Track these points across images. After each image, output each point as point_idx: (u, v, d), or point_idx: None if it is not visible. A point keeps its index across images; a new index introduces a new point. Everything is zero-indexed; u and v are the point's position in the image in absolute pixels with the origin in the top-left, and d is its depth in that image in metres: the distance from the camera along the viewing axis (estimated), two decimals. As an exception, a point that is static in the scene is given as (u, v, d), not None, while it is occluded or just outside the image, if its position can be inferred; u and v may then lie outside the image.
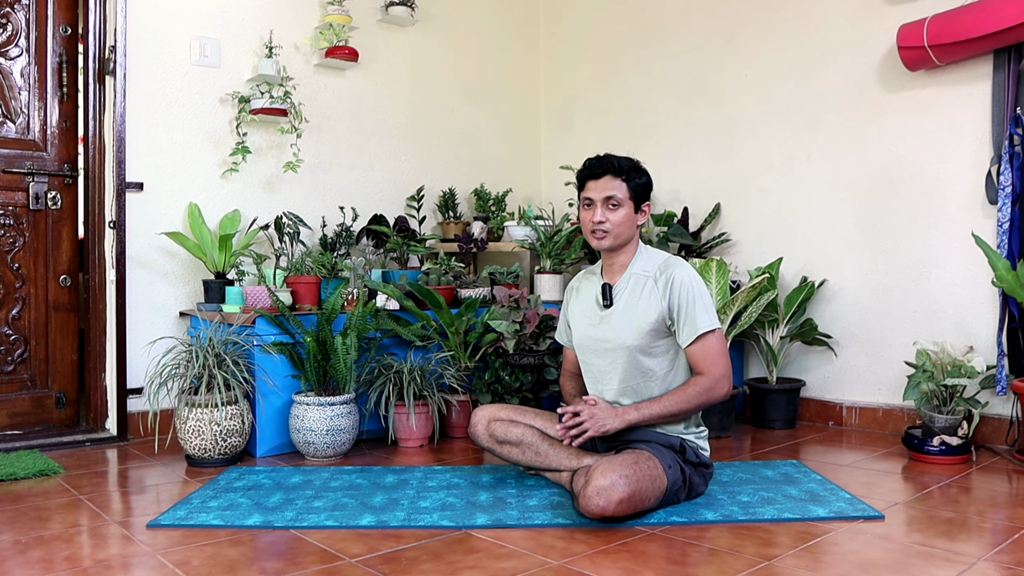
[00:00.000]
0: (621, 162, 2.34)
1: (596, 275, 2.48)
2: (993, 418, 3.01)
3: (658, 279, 2.33)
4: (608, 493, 2.03)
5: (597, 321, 2.40)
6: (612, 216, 2.32)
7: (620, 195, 2.32)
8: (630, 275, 2.38)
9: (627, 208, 2.33)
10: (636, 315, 2.32)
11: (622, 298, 2.36)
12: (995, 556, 1.90)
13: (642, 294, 2.34)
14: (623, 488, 2.05)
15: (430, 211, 4.11)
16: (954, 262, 3.12)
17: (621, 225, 2.33)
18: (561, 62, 4.57)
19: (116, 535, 2.09)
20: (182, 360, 2.79)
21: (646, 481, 2.11)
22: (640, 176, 2.36)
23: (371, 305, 3.06)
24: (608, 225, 2.32)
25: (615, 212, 2.32)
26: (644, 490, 2.10)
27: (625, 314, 2.34)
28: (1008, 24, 2.78)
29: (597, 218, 2.32)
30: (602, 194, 2.32)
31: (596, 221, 2.32)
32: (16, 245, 3.22)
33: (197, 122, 3.42)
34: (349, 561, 1.88)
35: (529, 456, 2.41)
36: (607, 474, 2.06)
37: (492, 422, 2.47)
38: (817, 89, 3.50)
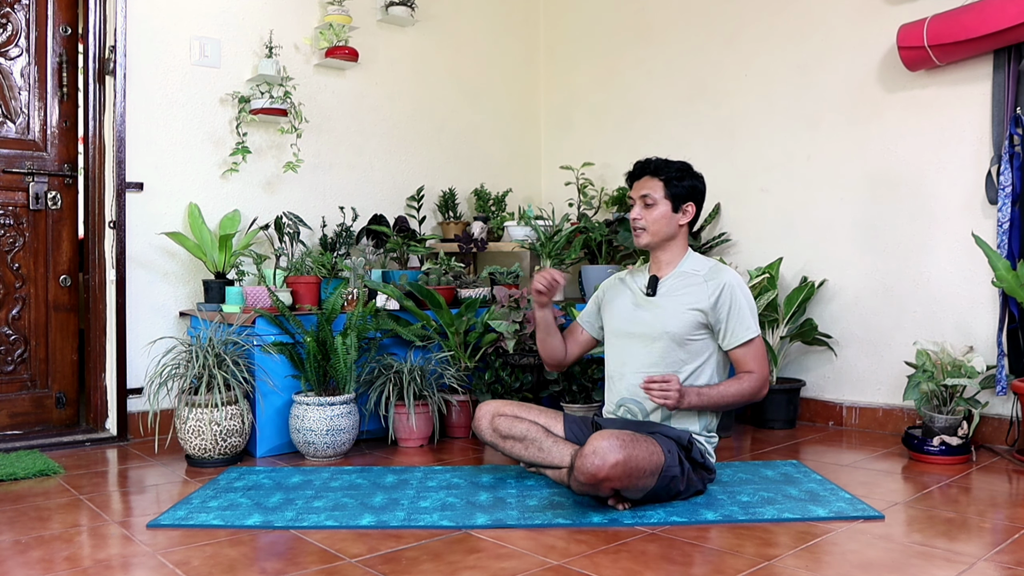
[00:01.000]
0: (661, 163, 2.47)
1: (644, 272, 2.55)
2: (993, 418, 3.01)
3: (708, 280, 2.40)
4: (604, 453, 2.06)
5: (638, 307, 2.46)
6: (647, 214, 2.43)
7: (655, 194, 2.43)
8: (679, 272, 2.46)
9: (663, 207, 2.43)
10: (680, 305, 2.39)
11: (667, 290, 2.43)
12: (995, 556, 1.90)
13: (688, 289, 2.41)
14: (619, 451, 2.07)
15: (430, 211, 4.11)
16: (954, 262, 3.12)
17: (656, 223, 2.43)
18: (561, 62, 4.57)
19: (116, 535, 2.09)
20: (182, 360, 2.79)
21: (642, 451, 2.13)
22: (683, 178, 2.46)
23: (371, 305, 3.06)
24: (643, 222, 2.43)
25: (651, 210, 2.43)
26: (639, 458, 2.11)
27: (668, 303, 2.41)
28: (1008, 24, 2.78)
29: (634, 215, 2.44)
30: (639, 192, 2.45)
31: (633, 217, 2.44)
32: (16, 245, 3.22)
33: (197, 122, 3.42)
34: (349, 561, 1.88)
35: (532, 452, 2.41)
36: (605, 437, 2.10)
37: (496, 417, 2.47)
38: (817, 89, 3.50)
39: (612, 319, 2.53)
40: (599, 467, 2.05)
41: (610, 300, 2.57)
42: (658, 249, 2.47)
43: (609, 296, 2.59)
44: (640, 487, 2.17)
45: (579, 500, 2.31)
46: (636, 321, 2.44)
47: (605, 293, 2.62)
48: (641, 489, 2.18)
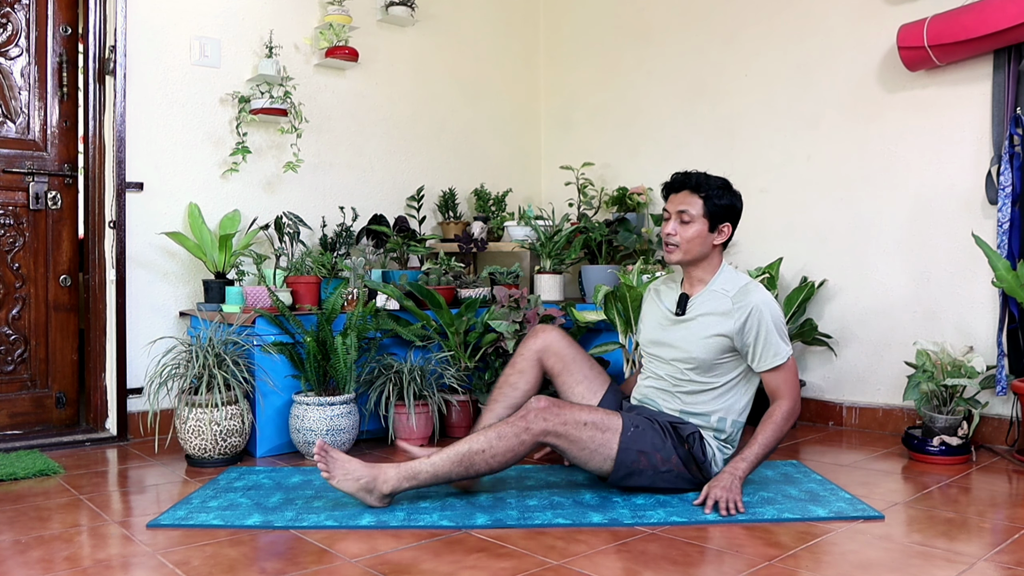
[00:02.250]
0: (702, 179, 2.38)
1: (677, 284, 2.53)
2: (993, 418, 3.01)
3: (737, 301, 2.35)
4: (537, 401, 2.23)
5: (668, 325, 2.45)
6: (682, 231, 2.36)
7: (694, 211, 2.36)
8: (709, 291, 2.41)
9: (700, 225, 2.36)
10: (706, 330, 2.36)
11: (696, 311, 2.40)
12: (995, 556, 1.90)
13: (716, 312, 2.37)
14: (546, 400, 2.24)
15: (430, 211, 4.11)
16: (954, 262, 3.12)
17: (691, 241, 2.36)
18: (561, 62, 4.57)
19: (116, 535, 2.09)
20: (182, 360, 2.79)
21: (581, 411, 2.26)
22: (722, 197, 2.38)
23: (371, 305, 3.06)
24: (677, 239, 2.37)
25: (686, 227, 2.36)
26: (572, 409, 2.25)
27: (695, 327, 2.38)
28: (1008, 24, 2.78)
29: (668, 230, 2.38)
30: (676, 207, 2.38)
31: (668, 233, 2.38)
32: (16, 245, 3.22)
33: (197, 122, 3.42)
34: (349, 561, 1.88)
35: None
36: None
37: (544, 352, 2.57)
38: (817, 89, 3.50)
39: (645, 330, 2.56)
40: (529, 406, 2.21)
41: (645, 312, 2.60)
42: (690, 267, 2.43)
43: (645, 309, 2.61)
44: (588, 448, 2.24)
45: (579, 500, 2.31)
46: (665, 342, 2.44)
47: (644, 306, 2.64)
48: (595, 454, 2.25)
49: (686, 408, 2.40)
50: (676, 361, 2.41)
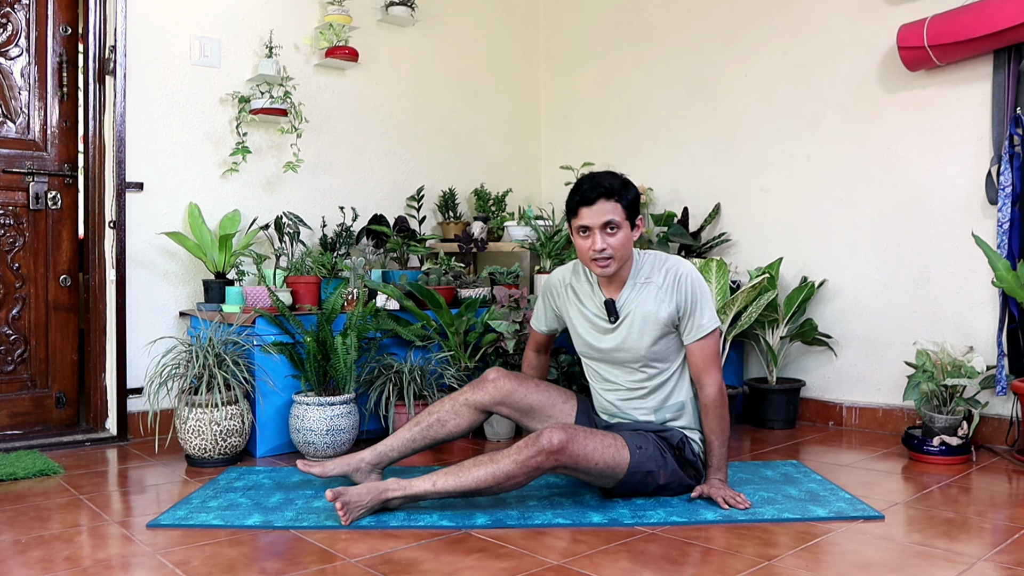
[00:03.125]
0: (612, 182, 2.25)
1: (591, 282, 2.41)
2: (993, 418, 3.01)
3: (664, 281, 2.31)
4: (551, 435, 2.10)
5: (604, 333, 2.38)
6: (612, 241, 2.23)
7: (617, 217, 2.23)
8: (633, 285, 2.34)
9: (625, 229, 2.25)
10: (648, 322, 2.31)
11: (628, 310, 2.34)
12: (995, 556, 1.90)
13: (648, 302, 2.31)
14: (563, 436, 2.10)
15: (430, 211, 4.11)
16: (954, 262, 3.12)
17: (623, 247, 2.26)
18: (561, 62, 4.57)
19: (116, 535, 2.09)
20: (182, 360, 2.79)
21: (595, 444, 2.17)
22: (630, 192, 2.28)
23: (371, 305, 3.06)
24: (610, 251, 2.24)
25: (615, 236, 2.24)
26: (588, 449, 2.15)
27: (635, 324, 2.32)
28: (1008, 24, 2.78)
29: (599, 246, 2.22)
30: (600, 219, 2.22)
31: (598, 249, 2.23)
32: (16, 245, 3.22)
33: (197, 122, 3.42)
34: (349, 561, 1.88)
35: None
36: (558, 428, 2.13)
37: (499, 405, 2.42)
38: (817, 89, 3.50)
39: (577, 337, 2.45)
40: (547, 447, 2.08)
41: (565, 312, 2.48)
42: (616, 276, 2.33)
43: (562, 306, 2.49)
44: (595, 474, 2.20)
45: (579, 499, 2.31)
46: (607, 348, 2.36)
47: (556, 301, 2.51)
48: (602, 477, 2.22)
49: (660, 406, 2.37)
50: (629, 363, 2.36)
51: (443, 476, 2.13)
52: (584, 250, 2.27)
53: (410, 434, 2.40)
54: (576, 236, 2.29)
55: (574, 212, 2.27)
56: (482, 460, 2.13)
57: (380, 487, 2.15)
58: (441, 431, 2.40)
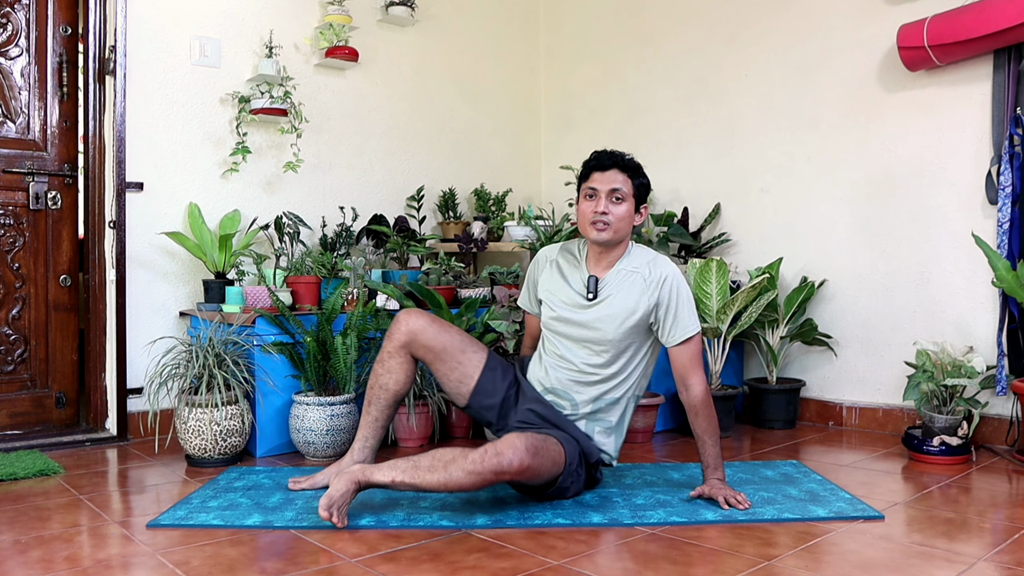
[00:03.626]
0: (629, 159, 2.36)
1: (577, 258, 2.44)
2: (993, 418, 3.01)
3: (648, 276, 2.34)
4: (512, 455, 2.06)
5: (579, 309, 2.38)
6: (615, 209, 2.30)
7: (625, 189, 2.31)
8: (618, 270, 2.37)
9: (629, 204, 2.33)
10: (622, 309, 2.33)
11: (608, 292, 2.35)
12: (995, 556, 1.90)
13: (631, 290, 2.34)
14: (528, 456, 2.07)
15: (430, 211, 4.11)
16: (954, 262, 3.12)
17: (623, 220, 2.31)
18: (561, 62, 4.57)
19: (116, 535, 2.09)
20: (182, 360, 2.79)
21: (547, 461, 2.15)
22: (643, 177, 2.38)
23: (371, 305, 3.06)
24: (610, 217, 2.29)
25: (619, 206, 2.31)
26: (542, 467, 2.14)
27: (610, 307, 2.34)
28: (1008, 24, 2.79)
29: (601, 208, 2.29)
30: (608, 186, 2.30)
31: (600, 211, 2.29)
32: (16, 245, 3.22)
33: (197, 122, 3.42)
34: (349, 561, 1.88)
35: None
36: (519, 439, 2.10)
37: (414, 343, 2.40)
38: (817, 89, 3.50)
39: (551, 309, 2.43)
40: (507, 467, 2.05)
41: (549, 290, 2.46)
42: (611, 247, 2.36)
43: (547, 285, 2.47)
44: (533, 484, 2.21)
45: (579, 499, 2.31)
46: (578, 324, 2.36)
47: (541, 278, 2.51)
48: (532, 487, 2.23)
49: (601, 396, 2.36)
50: (590, 343, 2.35)
51: (400, 473, 2.11)
52: (586, 212, 2.32)
53: (371, 416, 2.44)
54: (582, 199, 2.35)
55: (586, 176, 2.36)
56: (436, 465, 2.09)
57: (349, 473, 2.14)
58: (389, 395, 2.43)
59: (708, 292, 3.18)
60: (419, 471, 2.09)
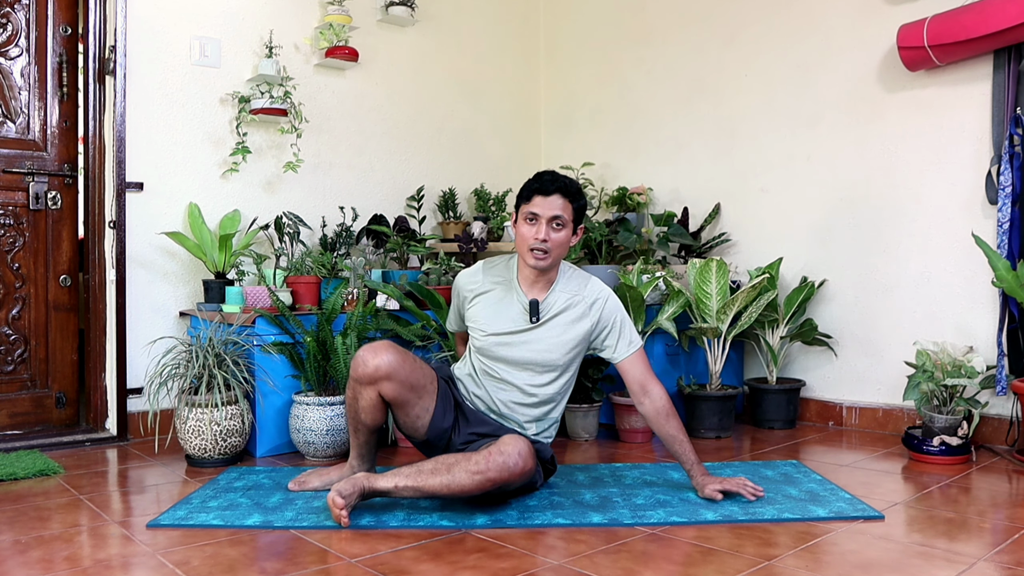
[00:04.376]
0: (571, 183, 2.32)
1: (508, 281, 2.40)
2: (993, 418, 3.01)
3: (587, 299, 2.38)
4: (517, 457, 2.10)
5: (521, 332, 2.36)
6: (555, 236, 2.28)
7: (566, 216, 2.29)
8: (557, 292, 2.37)
9: (568, 230, 2.31)
10: (566, 333, 2.36)
11: (550, 315, 2.36)
12: (995, 556, 1.90)
13: (572, 313, 2.36)
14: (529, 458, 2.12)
15: (430, 211, 4.11)
16: (954, 262, 3.12)
17: (562, 246, 2.30)
18: (561, 62, 4.57)
19: (116, 535, 2.09)
20: (182, 360, 2.80)
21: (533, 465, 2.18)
22: (582, 199, 2.35)
23: (371, 305, 3.06)
24: (550, 245, 2.27)
25: (559, 232, 2.29)
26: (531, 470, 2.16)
27: (554, 331, 2.35)
28: (1008, 24, 2.79)
29: (541, 235, 2.26)
30: (550, 212, 2.27)
31: (540, 239, 2.26)
32: (16, 245, 3.22)
33: (197, 122, 3.42)
34: (349, 561, 1.88)
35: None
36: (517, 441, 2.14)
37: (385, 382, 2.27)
38: (817, 89, 3.50)
39: (480, 333, 2.39)
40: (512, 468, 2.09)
41: (479, 314, 2.41)
42: (547, 270, 2.35)
43: (475, 311, 2.42)
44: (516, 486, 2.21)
45: (579, 499, 2.31)
46: (520, 346, 2.35)
47: (465, 310, 2.47)
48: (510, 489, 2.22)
49: (543, 417, 2.40)
50: (532, 365, 2.35)
51: (403, 479, 2.11)
52: (526, 237, 2.30)
53: (360, 440, 2.39)
54: (522, 222, 2.32)
55: (527, 198, 2.32)
56: (439, 468, 2.10)
57: (356, 479, 2.14)
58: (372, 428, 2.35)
59: (708, 292, 3.18)
60: (422, 475, 2.11)
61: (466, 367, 2.47)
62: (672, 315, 3.22)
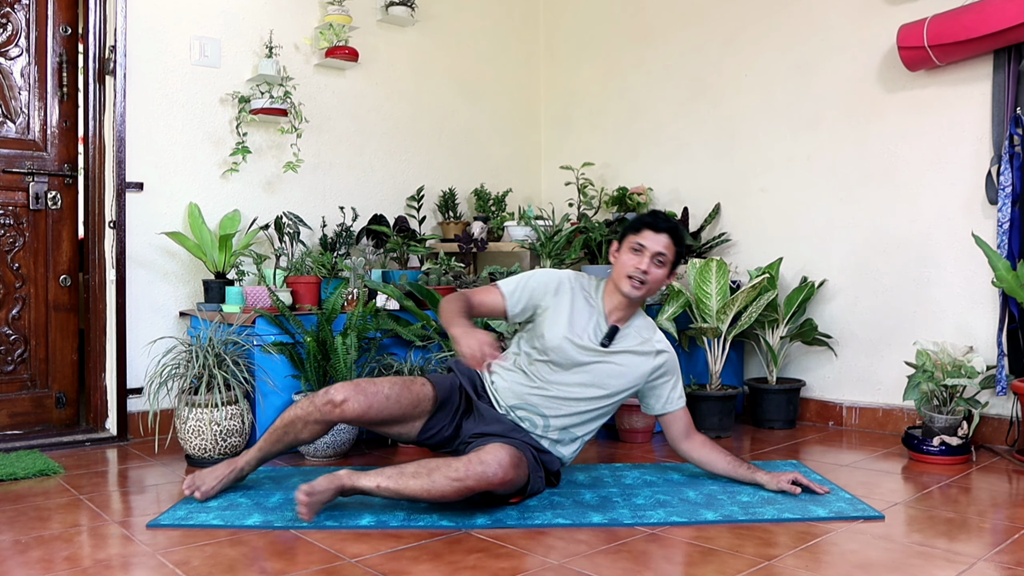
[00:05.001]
0: (680, 229, 2.43)
1: (593, 300, 2.43)
2: (993, 418, 3.01)
3: (655, 346, 2.45)
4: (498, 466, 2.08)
5: (588, 352, 2.38)
6: (655, 271, 2.36)
7: (669, 256, 2.38)
8: (632, 328, 2.44)
9: (666, 270, 2.39)
10: (629, 367, 2.41)
11: (622, 347, 2.41)
12: (995, 556, 1.90)
13: (638, 351, 2.43)
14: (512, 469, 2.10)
15: (430, 211, 4.11)
16: (954, 262, 3.12)
17: (657, 283, 2.39)
18: (561, 62, 4.57)
19: (116, 535, 2.09)
20: (182, 360, 2.80)
21: (522, 474, 2.17)
22: (683, 247, 2.45)
23: (371, 305, 3.06)
24: (649, 278, 2.35)
25: (659, 269, 2.37)
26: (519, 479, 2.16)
27: (619, 360, 2.40)
28: (1008, 24, 2.79)
29: (644, 266, 2.34)
30: (657, 247, 2.36)
31: (642, 269, 2.34)
32: (16, 245, 3.22)
33: (197, 122, 3.42)
34: (349, 561, 1.88)
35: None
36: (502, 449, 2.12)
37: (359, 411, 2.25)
38: (817, 89, 3.50)
39: (560, 332, 2.37)
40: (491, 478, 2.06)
41: (556, 310, 2.40)
42: (634, 303, 2.41)
43: (556, 305, 2.41)
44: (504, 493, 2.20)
45: (579, 499, 2.31)
46: (582, 366, 2.37)
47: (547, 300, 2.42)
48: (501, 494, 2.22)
49: (567, 428, 2.39)
50: (586, 384, 2.37)
51: (385, 479, 2.10)
52: (628, 264, 2.36)
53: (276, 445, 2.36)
54: (626, 250, 2.39)
55: (636, 230, 2.39)
56: (420, 472, 2.09)
57: (335, 477, 2.12)
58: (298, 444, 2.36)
59: (708, 292, 3.18)
60: (403, 477, 2.10)
61: (506, 365, 2.45)
62: (672, 315, 3.22)
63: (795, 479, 2.36)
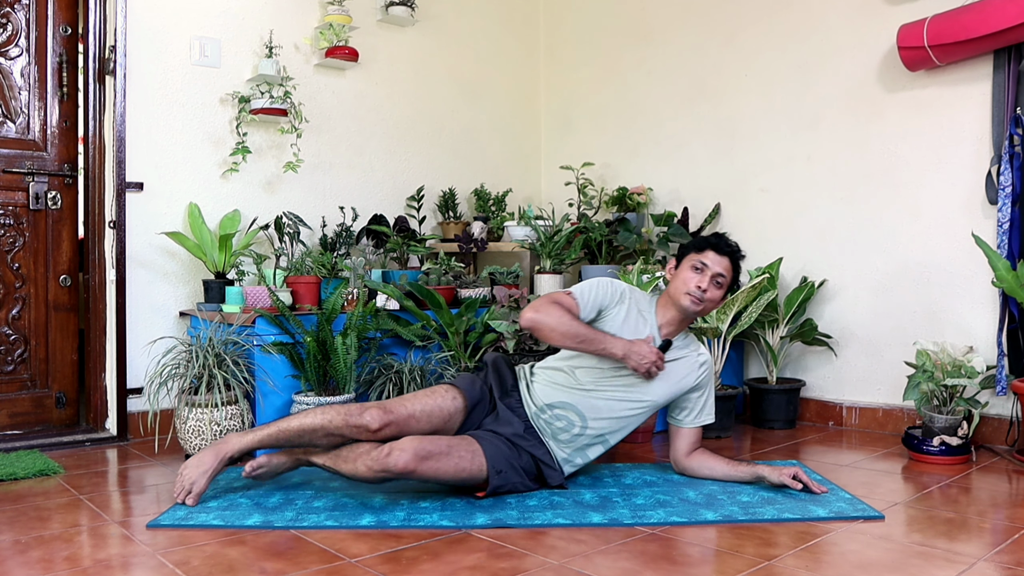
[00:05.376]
0: (741, 254, 2.52)
1: (647, 314, 2.49)
2: (993, 418, 3.01)
3: (698, 358, 2.53)
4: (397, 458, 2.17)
5: None
6: (713, 292, 2.43)
7: (727, 278, 2.46)
8: (679, 342, 2.52)
9: (723, 291, 2.46)
10: (673, 380, 2.48)
11: (671, 356, 2.48)
12: (995, 556, 1.90)
13: (683, 365, 2.50)
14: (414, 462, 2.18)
15: (430, 211, 4.11)
16: (954, 262, 3.12)
17: (714, 303, 2.46)
18: (561, 62, 4.57)
19: (116, 535, 2.09)
20: (182, 360, 2.79)
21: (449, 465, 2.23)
22: (739, 272, 2.53)
23: (371, 305, 3.06)
24: (707, 296, 2.42)
25: (717, 290, 2.44)
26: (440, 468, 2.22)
27: (667, 376, 2.47)
28: (1008, 24, 2.79)
29: (704, 285, 2.41)
30: (718, 268, 2.43)
31: (702, 287, 2.40)
32: (16, 245, 3.22)
33: (197, 122, 3.42)
34: (349, 561, 1.88)
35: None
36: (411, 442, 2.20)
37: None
38: (817, 89, 3.50)
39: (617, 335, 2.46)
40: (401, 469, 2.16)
41: (620, 315, 2.47)
42: (686, 320, 2.49)
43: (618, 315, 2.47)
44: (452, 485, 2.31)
45: (579, 499, 2.31)
46: (629, 377, 2.44)
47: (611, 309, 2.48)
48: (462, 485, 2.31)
49: (606, 432, 2.46)
50: (636, 394, 2.45)
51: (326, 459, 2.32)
52: (689, 281, 2.43)
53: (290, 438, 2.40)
54: (686, 268, 2.46)
55: (700, 249, 2.47)
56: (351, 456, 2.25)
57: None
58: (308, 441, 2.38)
59: (708, 292, 3.18)
60: (339, 460, 2.29)
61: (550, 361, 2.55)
62: (672, 315, 3.21)
63: (796, 474, 2.38)
